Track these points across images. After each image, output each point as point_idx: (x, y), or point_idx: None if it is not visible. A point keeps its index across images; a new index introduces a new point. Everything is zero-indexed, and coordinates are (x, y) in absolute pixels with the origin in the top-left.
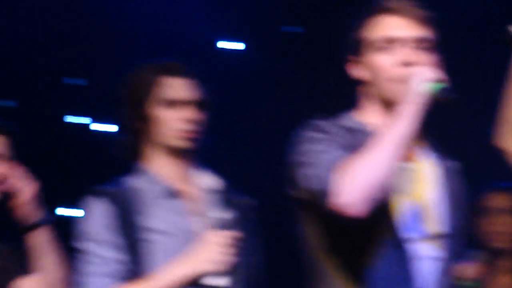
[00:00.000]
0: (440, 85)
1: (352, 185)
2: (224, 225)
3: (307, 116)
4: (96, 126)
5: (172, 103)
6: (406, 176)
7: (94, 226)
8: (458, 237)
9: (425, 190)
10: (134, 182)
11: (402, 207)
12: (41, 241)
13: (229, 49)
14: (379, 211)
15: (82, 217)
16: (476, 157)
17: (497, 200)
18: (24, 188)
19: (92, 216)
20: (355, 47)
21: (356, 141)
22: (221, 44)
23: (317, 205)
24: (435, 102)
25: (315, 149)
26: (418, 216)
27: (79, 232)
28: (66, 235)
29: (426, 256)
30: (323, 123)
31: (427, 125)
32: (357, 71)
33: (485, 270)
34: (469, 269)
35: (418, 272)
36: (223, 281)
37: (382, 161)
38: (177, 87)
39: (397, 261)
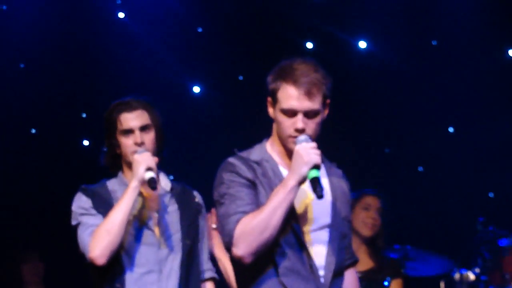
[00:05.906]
0: (314, 173)
1: (248, 244)
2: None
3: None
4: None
5: (126, 132)
6: (300, 192)
7: (81, 206)
8: (342, 224)
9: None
10: (112, 184)
11: (294, 212)
12: None
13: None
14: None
15: (73, 202)
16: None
17: (369, 200)
18: None
19: (79, 202)
20: (271, 94)
21: (262, 171)
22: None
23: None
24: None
25: (228, 192)
26: (311, 213)
27: (73, 211)
28: None
29: (318, 241)
30: (235, 162)
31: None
32: (271, 112)
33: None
34: None
35: (312, 257)
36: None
37: (268, 224)
38: (129, 120)
39: (296, 253)
